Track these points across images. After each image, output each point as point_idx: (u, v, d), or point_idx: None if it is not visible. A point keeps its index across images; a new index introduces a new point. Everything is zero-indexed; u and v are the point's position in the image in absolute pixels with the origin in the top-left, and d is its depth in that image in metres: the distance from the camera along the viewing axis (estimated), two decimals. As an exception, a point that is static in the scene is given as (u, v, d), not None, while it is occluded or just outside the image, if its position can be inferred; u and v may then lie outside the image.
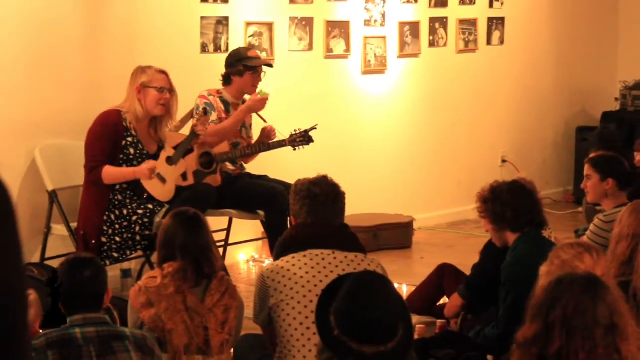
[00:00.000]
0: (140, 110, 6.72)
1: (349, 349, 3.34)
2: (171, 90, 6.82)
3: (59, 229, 7.06)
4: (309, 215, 5.16)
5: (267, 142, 7.50)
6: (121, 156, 6.72)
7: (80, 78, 7.46)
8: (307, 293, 4.62)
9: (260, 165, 7.69)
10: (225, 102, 7.40)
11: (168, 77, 6.82)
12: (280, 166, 7.70)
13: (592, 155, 6.65)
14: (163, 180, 6.82)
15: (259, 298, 4.91)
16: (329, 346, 3.40)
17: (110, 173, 6.65)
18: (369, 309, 3.40)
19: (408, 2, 9.84)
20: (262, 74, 7.49)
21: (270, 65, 7.59)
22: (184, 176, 7.00)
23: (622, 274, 4.49)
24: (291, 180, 7.34)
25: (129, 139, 6.74)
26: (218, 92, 7.43)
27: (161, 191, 6.81)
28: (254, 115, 7.58)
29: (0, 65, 6.97)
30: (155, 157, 6.85)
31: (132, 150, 6.75)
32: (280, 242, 5.33)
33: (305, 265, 4.83)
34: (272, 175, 7.53)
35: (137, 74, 6.78)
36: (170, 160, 6.89)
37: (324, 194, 5.19)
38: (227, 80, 7.45)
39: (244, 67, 7.40)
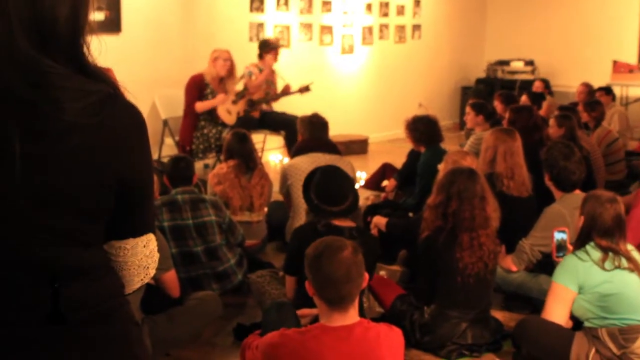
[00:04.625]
0: (214, 73, 6.60)
1: (323, 209, 3.36)
2: (231, 61, 6.68)
3: (168, 140, 6.96)
4: (309, 134, 5.15)
5: (285, 91, 7.39)
6: (204, 99, 6.62)
7: (180, 53, 7.30)
8: (308, 176, 4.63)
9: (282, 105, 7.55)
10: (260, 69, 7.25)
11: (229, 53, 6.67)
12: (292, 105, 7.58)
13: (470, 101, 6.59)
14: (229, 112, 6.76)
15: (282, 179, 4.92)
16: (312, 209, 3.43)
17: (201, 105, 6.55)
18: (332, 186, 3.40)
19: (367, 14, 9.65)
20: (279, 50, 7.30)
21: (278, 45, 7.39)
22: (240, 111, 6.94)
23: (489, 169, 4.47)
24: (299, 113, 7.30)
25: (208, 90, 6.61)
26: (257, 65, 7.29)
27: (228, 119, 6.72)
28: (279, 75, 7.43)
29: (131, 45, 6.81)
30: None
31: (210, 97, 6.62)
32: (295, 147, 5.33)
33: (308, 161, 4.81)
34: (288, 111, 7.39)
35: (213, 53, 6.66)
36: (234, 102, 6.79)
37: (318, 122, 5.20)
38: (260, 56, 7.27)
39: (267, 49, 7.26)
